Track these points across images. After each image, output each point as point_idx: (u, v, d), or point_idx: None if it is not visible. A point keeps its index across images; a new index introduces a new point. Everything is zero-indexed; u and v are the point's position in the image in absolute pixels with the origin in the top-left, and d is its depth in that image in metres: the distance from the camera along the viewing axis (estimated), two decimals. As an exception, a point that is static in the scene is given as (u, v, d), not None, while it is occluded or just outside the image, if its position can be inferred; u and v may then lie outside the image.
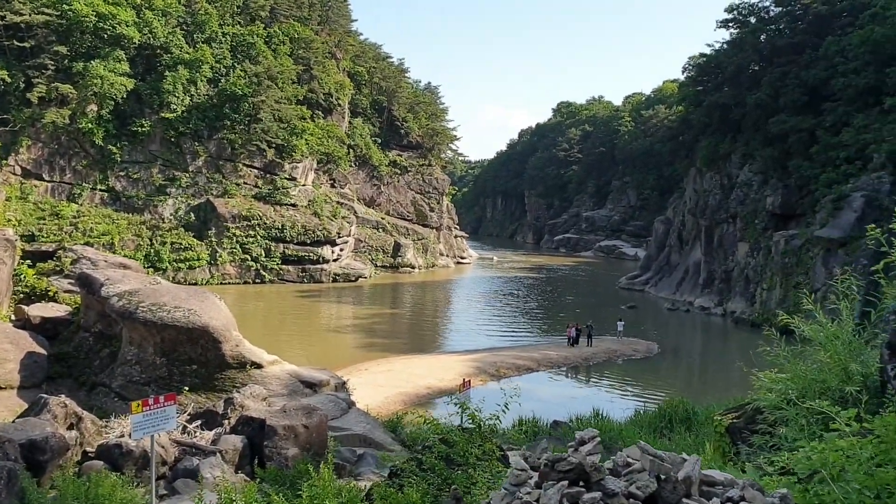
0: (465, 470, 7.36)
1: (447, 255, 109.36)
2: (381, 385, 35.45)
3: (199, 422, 15.11)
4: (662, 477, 3.81)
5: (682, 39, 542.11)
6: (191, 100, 76.80)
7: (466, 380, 19.10)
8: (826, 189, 60.40)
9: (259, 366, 18.57)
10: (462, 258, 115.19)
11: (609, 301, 76.60)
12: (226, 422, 15.01)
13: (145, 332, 17.08)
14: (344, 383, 22.12)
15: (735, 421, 7.89)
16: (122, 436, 13.70)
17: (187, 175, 76.68)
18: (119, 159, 73.34)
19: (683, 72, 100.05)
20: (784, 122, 67.52)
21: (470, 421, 9.17)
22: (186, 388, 17.30)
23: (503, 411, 8.34)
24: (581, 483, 3.79)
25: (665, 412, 19.62)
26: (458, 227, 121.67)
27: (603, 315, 61.75)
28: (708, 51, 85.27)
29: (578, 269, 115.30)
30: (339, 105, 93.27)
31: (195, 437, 14.45)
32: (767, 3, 77.80)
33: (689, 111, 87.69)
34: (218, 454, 13.37)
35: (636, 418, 21.17)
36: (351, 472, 14.61)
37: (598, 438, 4.13)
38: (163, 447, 13.00)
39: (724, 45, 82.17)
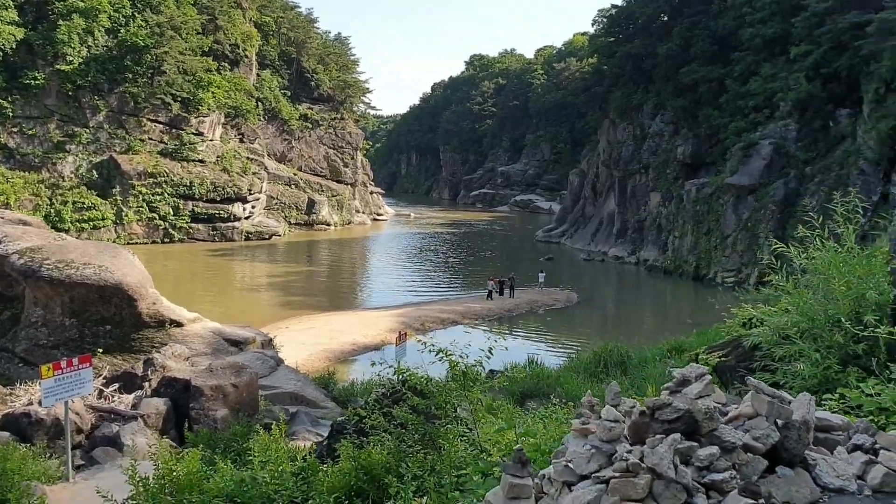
0: (446, 424, 6.69)
1: (363, 212, 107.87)
2: (303, 343, 34.48)
3: (116, 385, 14.00)
4: (780, 423, 3.06)
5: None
6: (88, 51, 72.11)
7: (403, 332, 18.58)
8: (735, 138, 61.97)
9: (179, 324, 17.40)
10: (378, 215, 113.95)
11: (527, 254, 77.22)
12: (146, 384, 13.96)
13: (51, 291, 15.66)
14: (270, 340, 21.16)
15: (724, 360, 7.47)
16: (31, 403, 12.49)
17: (88, 131, 72.35)
18: (11, 114, 68.38)
19: (593, 24, 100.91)
20: (694, 73, 68.73)
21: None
22: (101, 350, 16.04)
23: (487, 357, 7.67)
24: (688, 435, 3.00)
25: (599, 357, 19.52)
26: (373, 182, 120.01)
27: (522, 268, 62.10)
28: (619, 1, 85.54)
29: (495, 223, 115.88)
30: (247, 57, 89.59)
31: (113, 401, 13.36)
32: (677, -46, 78.49)
33: (602, 62, 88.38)
34: (140, 419, 12.37)
35: (571, 364, 21.07)
36: (284, 432, 13.84)
37: (709, 377, 3.29)
38: (77, 414, 11.89)
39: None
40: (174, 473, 6.51)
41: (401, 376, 7.53)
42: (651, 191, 72.36)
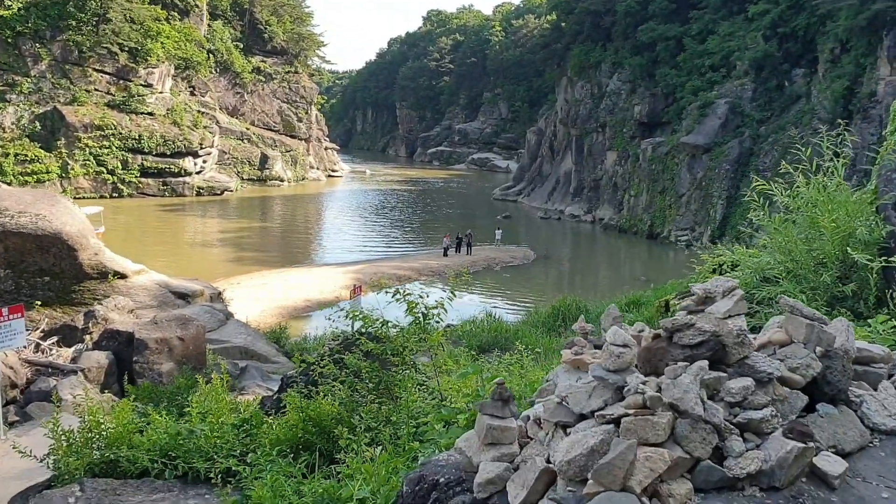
0: (403, 371, 6.19)
1: (318, 168, 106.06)
2: (257, 299, 33.72)
3: (55, 338, 13.22)
4: (820, 351, 2.57)
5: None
6: (28, -5, 68.71)
7: (357, 286, 18.11)
8: (692, 97, 62.05)
9: (123, 276, 16.53)
10: (333, 171, 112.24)
11: (484, 212, 76.92)
12: (87, 337, 13.21)
13: (-17, 240, 14.73)
14: (220, 293, 20.39)
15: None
16: (-41, 357, 11.66)
17: (29, 80, 69.15)
18: (-56, 61, 65.13)
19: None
20: (652, 31, 68.44)
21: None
22: (38, 303, 15.13)
23: (449, 299, 7.16)
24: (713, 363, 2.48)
25: (557, 310, 19.24)
26: (327, 138, 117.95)
27: (479, 226, 61.84)
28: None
29: (452, 181, 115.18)
30: (197, 6, 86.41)
31: (51, 355, 12.60)
32: None
33: (561, 19, 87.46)
34: (79, 373, 11.66)
35: (529, 319, 20.79)
36: (234, 386, 13.27)
37: (741, 292, 2.79)
38: (11, 368, 11.14)
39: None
40: (102, 426, 5.92)
41: (354, 320, 6.97)
42: (608, 149, 72.32)
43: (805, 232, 5.91)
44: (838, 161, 6.19)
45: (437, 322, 6.56)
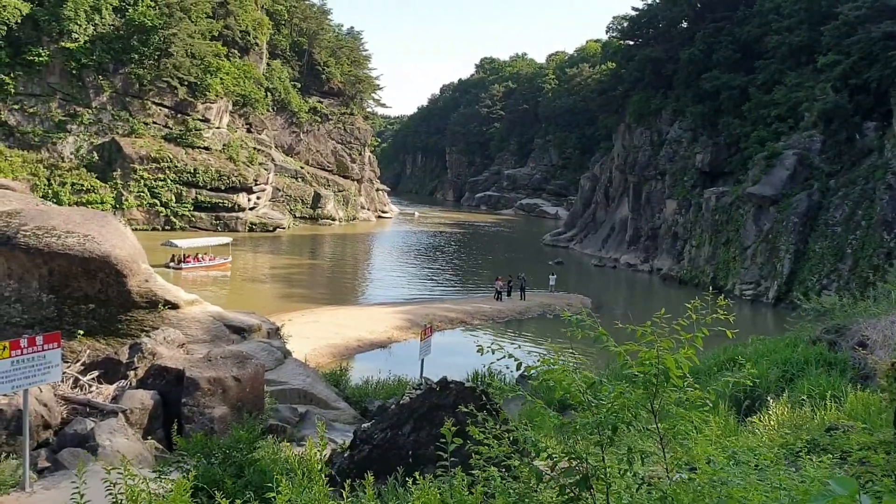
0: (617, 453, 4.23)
1: (368, 209, 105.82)
2: (307, 336, 32.35)
3: (96, 373, 11.88)
4: None
5: None
6: (94, 29, 70.01)
7: (428, 326, 16.58)
8: (758, 147, 59.94)
9: (175, 306, 15.21)
10: (383, 212, 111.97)
11: (534, 257, 75.15)
12: (131, 373, 11.84)
13: (28, 261, 13.50)
14: (277, 329, 18.97)
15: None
16: (-9, 390, 10.33)
17: (90, 111, 70.24)
18: (13, 91, 66.22)
19: (608, 31, 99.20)
20: (716, 79, 66.78)
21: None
22: (81, 332, 13.84)
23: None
24: None
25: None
26: (379, 180, 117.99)
27: (530, 271, 59.95)
28: (640, 4, 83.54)
29: (500, 225, 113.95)
30: (257, 45, 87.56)
31: (90, 392, 11.23)
32: (702, -42, 76.50)
33: (620, 66, 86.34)
34: (120, 414, 10.25)
35: (611, 372, 18.88)
36: (293, 435, 11.73)
37: None
38: (45, 405, 9.78)
39: (658, 0, 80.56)
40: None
41: (501, 355, 5.03)
42: (667, 198, 70.24)
43: None
44: None
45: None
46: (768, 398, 11.05)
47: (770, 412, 10.11)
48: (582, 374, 4.19)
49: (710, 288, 57.86)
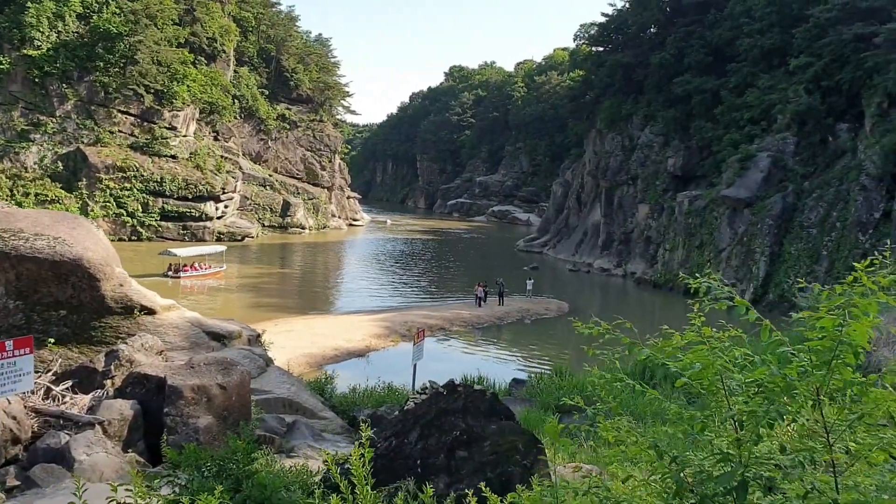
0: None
1: (339, 217, 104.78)
2: (282, 346, 31.33)
3: (69, 382, 11.02)
4: None
5: (571, 7, 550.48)
6: (58, 36, 68.33)
7: (420, 330, 15.90)
8: (731, 149, 60.19)
9: (151, 311, 14.34)
10: (355, 220, 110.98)
11: (509, 263, 74.78)
12: (108, 382, 11.01)
13: (-8, 266, 12.63)
14: (258, 336, 18.18)
15: None
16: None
17: (54, 120, 68.47)
18: (-29, 99, 64.46)
19: (575, 39, 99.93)
20: (688, 83, 67.04)
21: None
22: (52, 340, 12.94)
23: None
24: None
25: (644, 366, 16.90)
26: (350, 187, 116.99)
27: (505, 277, 59.55)
28: (609, 11, 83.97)
29: (474, 232, 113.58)
30: (224, 52, 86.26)
31: (64, 402, 10.39)
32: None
33: (591, 72, 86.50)
34: (97, 426, 9.44)
35: (610, 374, 18.37)
36: (282, 446, 10.98)
37: None
38: (13, 418, 8.93)
39: (627, 5, 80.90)
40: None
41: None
42: (639, 202, 70.31)
43: None
44: None
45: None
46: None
47: None
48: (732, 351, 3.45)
49: (685, 291, 58.05)
